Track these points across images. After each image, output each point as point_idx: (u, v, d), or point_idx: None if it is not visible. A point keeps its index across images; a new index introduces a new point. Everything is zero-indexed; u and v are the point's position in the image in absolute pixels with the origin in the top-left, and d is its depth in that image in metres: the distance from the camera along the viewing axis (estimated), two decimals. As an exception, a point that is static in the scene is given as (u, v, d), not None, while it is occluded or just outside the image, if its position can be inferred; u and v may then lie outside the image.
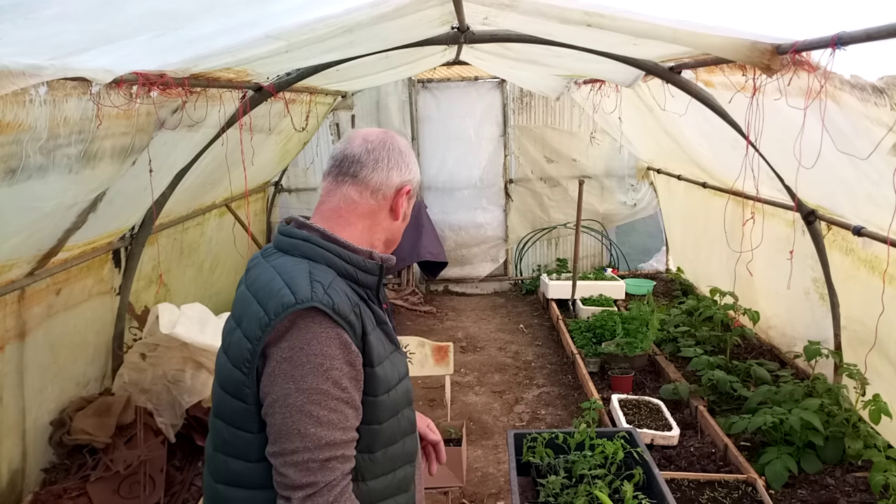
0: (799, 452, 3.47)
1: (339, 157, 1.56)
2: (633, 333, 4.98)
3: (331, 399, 1.35)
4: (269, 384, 1.36)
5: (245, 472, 1.43)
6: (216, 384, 1.50)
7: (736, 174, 3.65)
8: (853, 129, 2.33)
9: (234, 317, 1.49)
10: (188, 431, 3.77)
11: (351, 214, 1.54)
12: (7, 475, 3.10)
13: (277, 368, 1.35)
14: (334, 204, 1.56)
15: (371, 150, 1.54)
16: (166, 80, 2.51)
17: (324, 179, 1.61)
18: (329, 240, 1.49)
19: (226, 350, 1.47)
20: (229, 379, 1.43)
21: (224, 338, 1.51)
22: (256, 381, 1.38)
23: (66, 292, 3.46)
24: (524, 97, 7.40)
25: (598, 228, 7.71)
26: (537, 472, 2.74)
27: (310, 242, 1.48)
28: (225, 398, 1.44)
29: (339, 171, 1.56)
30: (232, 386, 1.42)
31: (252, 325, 1.38)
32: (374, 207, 1.55)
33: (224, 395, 1.45)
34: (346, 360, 1.38)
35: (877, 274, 3.33)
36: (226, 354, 1.46)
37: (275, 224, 7.64)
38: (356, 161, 1.54)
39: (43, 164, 2.26)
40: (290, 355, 1.35)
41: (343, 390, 1.37)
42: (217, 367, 1.51)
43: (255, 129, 4.57)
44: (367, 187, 1.54)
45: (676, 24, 2.38)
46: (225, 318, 1.58)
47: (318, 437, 1.34)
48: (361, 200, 1.54)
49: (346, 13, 2.34)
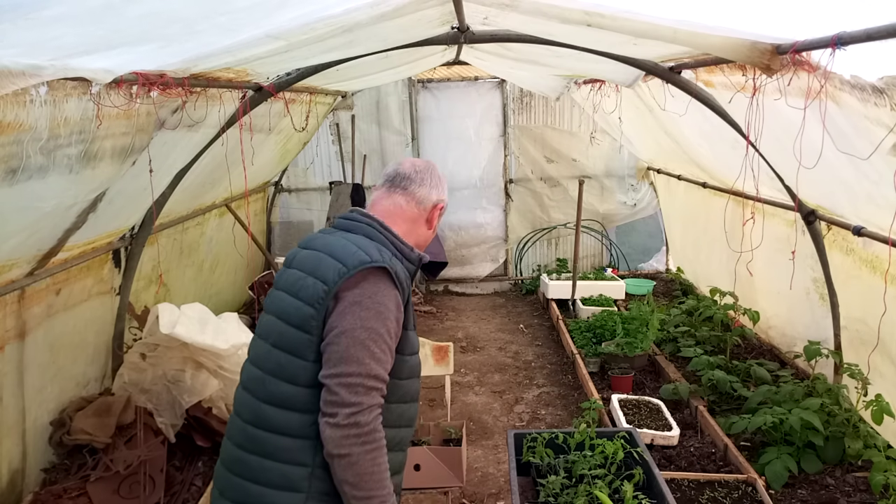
0: (799, 452, 3.47)
1: (391, 174, 1.99)
2: (633, 333, 4.98)
3: (383, 342, 1.70)
4: (338, 319, 1.69)
5: (292, 395, 1.72)
6: (276, 321, 1.81)
7: (736, 174, 3.65)
8: (853, 129, 2.33)
9: (304, 269, 1.81)
10: (188, 431, 3.77)
11: (397, 217, 1.93)
12: (7, 475, 3.10)
13: (348, 308, 1.70)
14: (385, 206, 1.94)
15: (418, 171, 1.99)
16: (166, 80, 2.51)
17: (376, 190, 2.01)
18: (385, 228, 1.87)
19: (296, 293, 1.78)
20: (297, 314, 1.75)
21: (291, 284, 1.82)
22: (323, 318, 1.71)
23: (66, 292, 3.46)
24: (524, 97, 7.40)
25: (598, 228, 7.71)
26: (537, 472, 2.74)
27: (371, 227, 1.86)
28: (288, 330, 1.76)
29: (391, 184, 1.97)
30: (298, 319, 1.74)
31: (330, 272, 1.73)
32: (415, 215, 1.96)
33: (287, 328, 1.76)
34: (396, 316, 1.75)
35: (878, 274, 3.33)
36: (295, 297, 1.77)
37: (275, 224, 7.65)
38: (406, 177, 1.97)
39: (43, 164, 2.26)
40: (360, 300, 1.71)
41: (391, 338, 1.73)
42: (280, 307, 1.82)
43: (254, 129, 4.57)
44: (413, 197, 1.96)
45: (676, 24, 2.38)
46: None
47: (370, 368, 1.67)
48: (407, 207, 1.95)
49: (346, 13, 2.34)
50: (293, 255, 1.93)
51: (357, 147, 7.35)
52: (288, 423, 1.72)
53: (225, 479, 1.81)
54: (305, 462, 1.72)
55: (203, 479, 3.63)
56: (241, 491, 1.75)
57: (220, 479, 1.84)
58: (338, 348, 1.66)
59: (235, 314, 4.25)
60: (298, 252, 1.92)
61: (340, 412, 1.63)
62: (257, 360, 1.83)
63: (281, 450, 1.72)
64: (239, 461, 1.78)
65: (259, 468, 1.74)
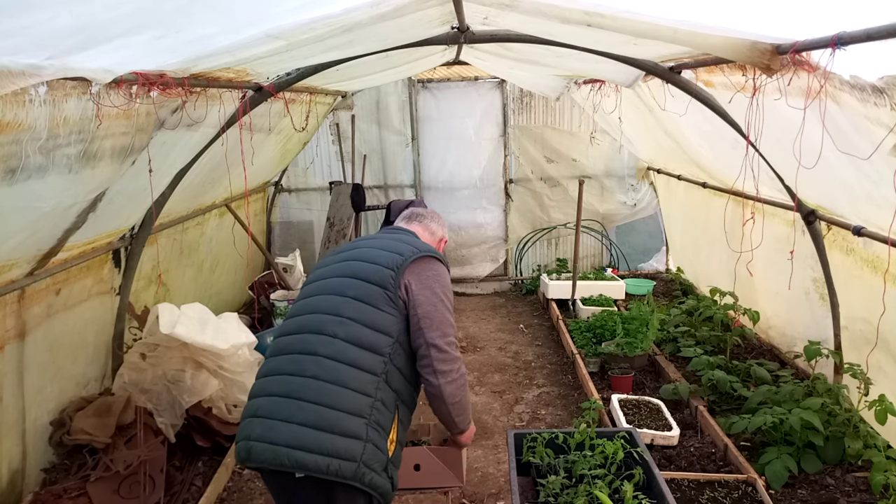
0: (799, 452, 3.47)
1: (408, 213, 2.68)
2: (633, 333, 4.98)
3: (451, 313, 2.33)
4: (423, 292, 2.26)
5: (368, 337, 2.19)
6: (353, 280, 2.28)
7: (736, 174, 3.65)
8: (853, 129, 2.33)
9: (379, 247, 2.39)
10: (188, 431, 3.77)
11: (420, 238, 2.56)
12: (7, 475, 3.10)
13: (427, 284, 2.29)
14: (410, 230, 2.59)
15: (429, 212, 2.71)
16: (166, 80, 2.51)
17: (397, 223, 2.65)
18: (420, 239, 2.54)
19: (373, 261, 2.31)
20: (377, 275, 2.26)
21: (364, 256, 2.36)
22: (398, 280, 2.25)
23: (65, 292, 3.46)
24: (524, 97, 7.40)
25: (598, 228, 7.71)
26: (537, 472, 2.74)
27: (413, 235, 2.54)
28: (368, 286, 2.25)
29: (409, 218, 2.65)
30: (378, 279, 2.25)
31: (406, 250, 2.33)
32: (429, 241, 2.58)
33: (368, 285, 2.25)
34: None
35: (880, 274, 3.33)
36: (374, 263, 2.29)
37: (275, 224, 7.65)
38: (421, 215, 2.67)
39: (43, 163, 2.26)
40: (435, 277, 2.32)
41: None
42: (355, 270, 2.31)
43: (254, 128, 4.57)
44: (427, 228, 2.63)
45: (676, 24, 2.38)
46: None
47: (455, 330, 2.32)
48: (424, 234, 2.60)
49: (346, 13, 2.34)
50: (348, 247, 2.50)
51: (357, 147, 7.35)
52: (362, 360, 2.14)
53: (290, 406, 2.08)
54: (370, 393, 2.12)
55: (203, 479, 3.63)
56: (314, 414, 2.06)
57: (283, 406, 2.09)
58: (435, 316, 2.24)
59: (235, 314, 4.25)
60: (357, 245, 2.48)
61: (453, 368, 2.26)
62: (333, 308, 2.23)
63: (355, 380, 2.11)
64: (312, 389, 2.09)
65: (335, 394, 2.08)
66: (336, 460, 2.03)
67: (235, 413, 4.01)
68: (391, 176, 7.58)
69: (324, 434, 2.03)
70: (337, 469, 2.02)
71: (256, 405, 2.17)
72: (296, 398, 2.09)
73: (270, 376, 2.22)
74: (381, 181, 7.58)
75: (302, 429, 2.03)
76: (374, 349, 2.17)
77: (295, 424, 2.05)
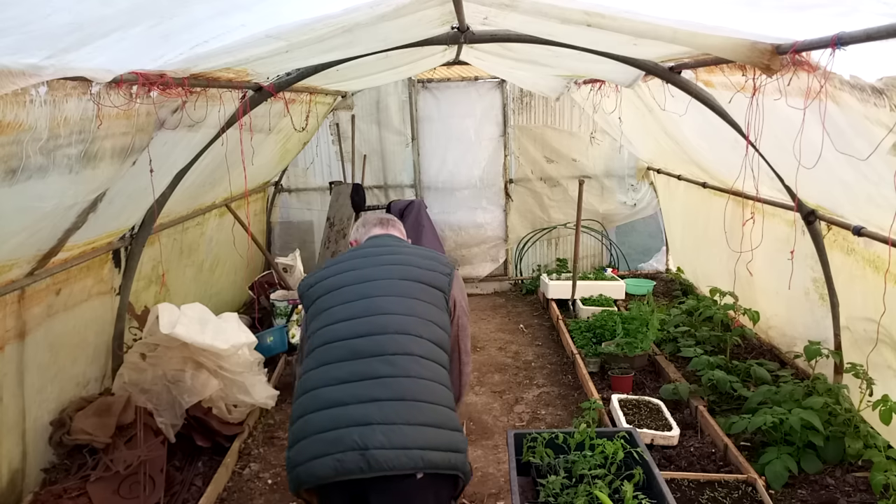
0: (799, 452, 3.47)
1: (382, 218, 2.78)
2: (633, 333, 4.98)
3: None
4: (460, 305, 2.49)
5: (440, 337, 2.32)
6: (410, 283, 2.37)
7: (736, 174, 3.66)
8: (853, 129, 2.33)
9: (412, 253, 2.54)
10: (188, 431, 3.77)
11: None
12: (7, 475, 3.10)
13: (463, 295, 2.53)
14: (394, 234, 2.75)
15: (392, 217, 2.83)
16: (166, 80, 2.51)
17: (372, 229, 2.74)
18: None
19: (418, 265, 2.43)
20: (435, 280, 2.41)
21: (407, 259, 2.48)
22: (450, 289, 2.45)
23: (66, 292, 3.46)
24: (524, 97, 7.40)
25: (598, 228, 7.71)
26: (537, 472, 2.75)
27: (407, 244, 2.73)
28: (429, 289, 2.38)
29: (382, 225, 2.75)
30: (438, 282, 2.41)
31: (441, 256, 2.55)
32: None
33: (428, 287, 2.38)
34: None
35: (881, 273, 3.33)
36: (424, 269, 2.42)
37: (275, 224, 7.65)
38: (391, 219, 2.79)
39: (43, 164, 2.26)
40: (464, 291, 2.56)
41: None
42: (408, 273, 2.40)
43: (254, 129, 4.57)
44: (400, 231, 2.78)
45: (676, 24, 2.38)
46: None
47: None
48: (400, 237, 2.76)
49: (346, 13, 2.34)
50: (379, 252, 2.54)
51: (357, 147, 7.35)
52: (442, 357, 2.29)
53: (408, 408, 2.06)
54: (450, 387, 2.27)
55: (203, 479, 3.63)
56: (432, 412, 2.10)
57: (399, 409, 2.05)
58: (468, 327, 2.54)
59: (235, 314, 4.25)
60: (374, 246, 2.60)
61: (470, 365, 2.61)
62: (410, 309, 2.29)
63: (445, 377, 2.25)
64: (421, 387, 2.12)
65: (439, 391, 2.17)
66: (454, 454, 2.11)
67: (235, 413, 4.01)
68: (391, 176, 7.58)
69: (443, 431, 2.11)
70: (454, 462, 2.11)
71: (349, 415, 2.03)
72: (410, 399, 2.09)
73: (353, 381, 2.10)
74: (381, 181, 7.58)
75: (426, 429, 2.06)
76: (444, 347, 2.33)
77: (419, 426, 2.05)
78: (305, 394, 2.16)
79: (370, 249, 2.56)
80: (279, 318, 5.72)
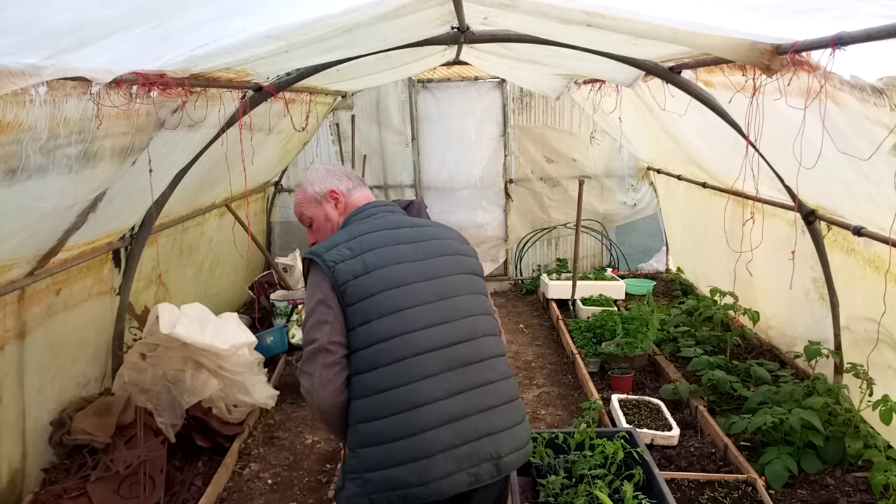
0: (799, 452, 3.47)
1: (350, 172, 2.41)
2: (633, 333, 4.97)
3: None
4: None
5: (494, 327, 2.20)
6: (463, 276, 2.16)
7: (736, 174, 3.65)
8: (853, 129, 2.33)
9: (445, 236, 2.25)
10: (188, 431, 3.77)
11: None
12: (7, 475, 3.10)
13: None
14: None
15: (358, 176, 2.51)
16: (166, 80, 2.51)
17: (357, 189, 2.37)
18: None
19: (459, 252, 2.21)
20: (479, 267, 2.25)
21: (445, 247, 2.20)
22: None
23: (65, 292, 3.46)
24: (524, 97, 7.40)
25: (598, 228, 7.71)
26: (537, 472, 2.75)
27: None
28: (476, 280, 2.20)
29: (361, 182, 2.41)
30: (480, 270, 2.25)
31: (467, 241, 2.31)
32: None
33: (475, 278, 2.20)
34: None
35: (881, 274, 3.33)
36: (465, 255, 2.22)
37: (275, 224, 7.65)
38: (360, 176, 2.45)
39: (43, 164, 2.26)
40: None
41: None
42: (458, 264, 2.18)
43: (254, 128, 4.57)
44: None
45: (676, 24, 2.37)
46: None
47: None
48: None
49: (346, 13, 2.34)
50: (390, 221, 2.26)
51: (357, 147, 7.35)
52: (500, 348, 2.16)
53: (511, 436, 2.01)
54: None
55: (203, 479, 3.63)
56: (514, 410, 2.07)
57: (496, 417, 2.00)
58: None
59: (235, 314, 4.25)
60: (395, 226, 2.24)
61: None
62: (469, 309, 2.11)
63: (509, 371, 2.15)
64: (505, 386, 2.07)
65: (511, 385, 2.11)
66: (529, 446, 2.14)
67: (235, 413, 4.01)
68: (391, 176, 7.58)
69: (524, 427, 2.12)
70: (528, 454, 2.14)
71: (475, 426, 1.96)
72: (514, 400, 2.11)
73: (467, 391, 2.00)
74: (381, 181, 7.58)
75: (523, 425, 2.11)
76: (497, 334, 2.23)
77: (521, 423, 2.09)
78: (413, 409, 1.92)
79: (403, 231, 2.19)
80: (279, 318, 5.72)
